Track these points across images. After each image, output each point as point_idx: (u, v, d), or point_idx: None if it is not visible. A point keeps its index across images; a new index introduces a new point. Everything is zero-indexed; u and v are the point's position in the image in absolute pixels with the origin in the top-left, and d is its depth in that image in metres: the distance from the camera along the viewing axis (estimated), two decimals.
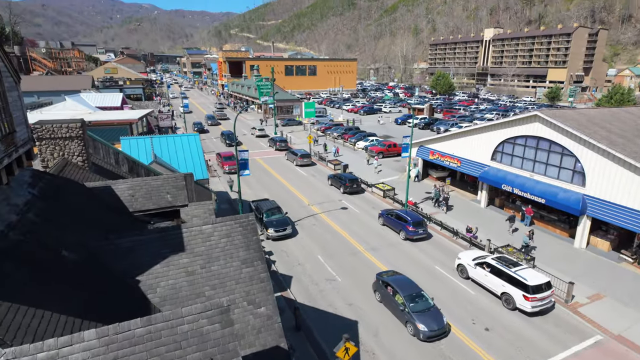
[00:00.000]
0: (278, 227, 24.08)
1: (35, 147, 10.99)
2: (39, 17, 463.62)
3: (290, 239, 24.43)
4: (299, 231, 25.41)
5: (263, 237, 24.26)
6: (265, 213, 25.23)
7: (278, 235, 23.99)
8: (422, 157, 35.09)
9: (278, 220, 24.71)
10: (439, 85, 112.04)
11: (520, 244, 22.93)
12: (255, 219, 24.62)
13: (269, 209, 25.56)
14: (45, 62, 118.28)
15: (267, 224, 24.36)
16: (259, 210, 25.81)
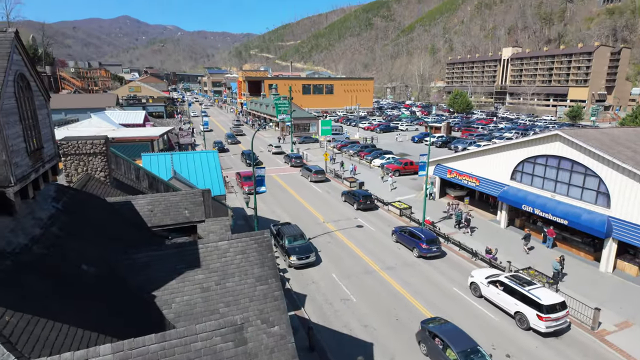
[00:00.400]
0: (301, 255, 22.61)
1: (60, 162, 11.38)
2: (69, 39, 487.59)
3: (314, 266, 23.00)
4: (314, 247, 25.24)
5: (285, 265, 23.06)
6: (287, 239, 23.63)
7: (301, 263, 22.52)
8: (440, 175, 34.70)
9: (301, 247, 23.21)
10: (456, 104, 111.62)
11: (541, 265, 22.17)
12: (276, 244, 24.53)
13: (291, 235, 23.94)
14: (73, 81, 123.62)
15: (290, 250, 22.86)
16: (281, 235, 24.23)
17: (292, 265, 22.74)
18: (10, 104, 6.97)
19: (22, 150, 7.35)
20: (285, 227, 25.26)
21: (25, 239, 7.21)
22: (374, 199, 33.38)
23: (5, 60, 6.82)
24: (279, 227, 25.50)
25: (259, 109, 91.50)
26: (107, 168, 13.89)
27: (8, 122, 6.81)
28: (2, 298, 5.72)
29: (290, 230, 24.64)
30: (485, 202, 33.44)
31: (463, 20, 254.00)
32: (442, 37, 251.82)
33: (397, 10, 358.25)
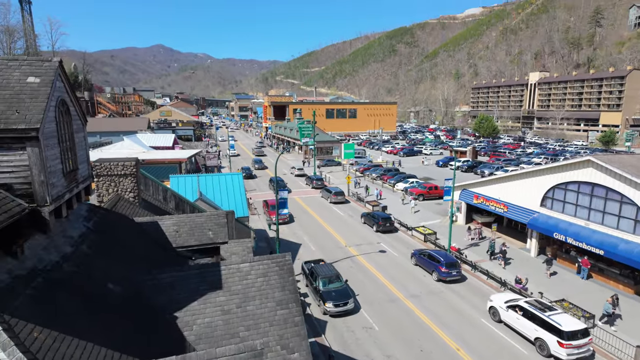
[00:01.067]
0: (338, 301, 19.68)
1: (93, 182, 11.87)
2: (107, 66, 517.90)
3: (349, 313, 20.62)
4: None
5: (319, 311, 20.27)
6: (321, 281, 20.75)
7: (338, 311, 19.64)
8: (466, 200, 33.91)
9: (338, 291, 20.29)
10: (482, 128, 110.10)
11: (576, 297, 20.91)
12: (309, 284, 22.03)
13: (326, 276, 21.03)
14: (109, 105, 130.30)
15: (325, 295, 20.01)
16: (314, 276, 21.45)
17: (327, 313, 19.79)
18: (50, 127, 7.40)
19: (59, 171, 7.72)
20: (319, 267, 22.22)
21: (56, 257, 7.47)
22: (393, 221, 33.28)
23: (49, 87, 7.29)
24: (311, 266, 22.62)
25: (283, 132, 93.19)
26: (136, 189, 14.35)
27: (48, 144, 7.20)
28: (33, 314, 5.89)
29: (324, 270, 21.70)
30: (514, 229, 32.27)
31: (488, 45, 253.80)
32: (467, 62, 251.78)
33: (421, 37, 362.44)
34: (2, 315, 5.46)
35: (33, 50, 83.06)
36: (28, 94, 7.02)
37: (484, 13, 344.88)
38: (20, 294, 6.07)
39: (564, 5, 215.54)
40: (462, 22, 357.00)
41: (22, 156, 6.70)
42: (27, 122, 6.62)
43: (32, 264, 6.84)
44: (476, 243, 30.19)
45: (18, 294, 6.05)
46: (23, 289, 6.20)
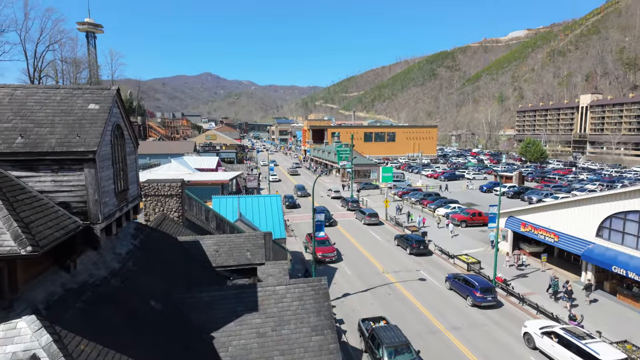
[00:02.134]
0: None
1: (141, 202, 12.50)
2: (159, 93, 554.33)
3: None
4: (372, 299, 24.16)
5: None
6: (387, 351, 16.17)
7: None
8: (512, 228, 32.17)
9: None
10: (529, 153, 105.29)
11: (636, 335, 18.85)
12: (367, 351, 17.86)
13: (392, 345, 16.38)
14: (159, 129, 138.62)
15: None
16: (376, 341, 16.96)
17: None
18: (106, 150, 7.95)
19: (111, 191, 8.23)
20: (382, 330, 17.56)
21: (105, 272, 7.86)
22: (427, 244, 33.18)
23: (107, 113, 7.89)
24: (372, 327, 18.29)
25: (321, 155, 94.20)
26: (181, 209, 14.95)
27: (103, 166, 7.73)
28: (81, 327, 6.18)
29: (390, 336, 16.97)
30: (566, 261, 30.03)
31: (534, 68, 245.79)
32: (511, 85, 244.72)
33: (462, 60, 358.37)
34: (54, 326, 5.78)
35: (95, 79, 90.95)
36: (88, 120, 7.63)
37: (529, 35, 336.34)
38: (71, 307, 6.41)
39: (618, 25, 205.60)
40: (506, 45, 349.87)
41: (80, 176, 7.22)
42: (85, 145, 7.16)
43: (83, 278, 7.23)
44: (524, 274, 28.32)
45: (69, 306, 6.39)
46: (74, 302, 6.55)
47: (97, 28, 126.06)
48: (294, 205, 51.81)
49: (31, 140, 7.04)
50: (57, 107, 7.72)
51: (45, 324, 5.63)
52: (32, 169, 7.00)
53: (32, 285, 6.16)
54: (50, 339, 5.45)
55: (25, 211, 6.11)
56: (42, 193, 7.02)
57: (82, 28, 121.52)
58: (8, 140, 6.94)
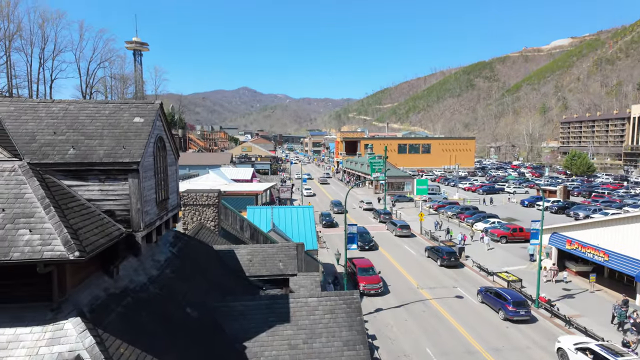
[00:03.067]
0: None
1: (180, 211, 12.94)
2: (199, 107, 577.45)
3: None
4: (406, 315, 23.48)
5: None
6: None
7: None
8: (557, 245, 30.39)
9: None
10: (574, 166, 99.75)
11: None
12: None
13: None
14: (198, 141, 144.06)
15: None
16: None
17: None
18: (149, 161, 8.34)
19: (153, 200, 8.59)
20: None
21: (144, 279, 8.16)
22: (458, 256, 32.90)
23: (150, 125, 8.29)
24: None
25: (353, 167, 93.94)
26: (217, 218, 15.35)
27: (145, 176, 8.11)
28: (121, 331, 6.43)
29: None
30: (617, 282, 27.89)
31: (579, 77, 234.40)
32: (554, 95, 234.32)
33: (501, 70, 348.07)
34: (96, 329, 6.05)
35: (140, 94, 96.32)
36: (133, 132, 8.05)
37: (574, 44, 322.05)
38: (113, 311, 6.69)
39: None
40: (548, 54, 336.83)
41: (124, 186, 7.60)
42: (130, 156, 7.55)
43: (125, 283, 7.55)
44: (570, 294, 26.55)
45: (111, 310, 6.67)
46: (115, 306, 6.84)
47: (143, 46, 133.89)
48: (332, 224, 46.63)
49: (82, 151, 7.52)
50: (106, 120, 8.22)
51: (89, 326, 5.90)
52: (82, 178, 7.45)
53: (78, 288, 6.50)
54: (93, 341, 5.70)
55: (74, 218, 6.50)
56: (90, 201, 7.44)
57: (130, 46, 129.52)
58: (62, 152, 7.44)
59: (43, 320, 5.85)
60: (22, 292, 6.04)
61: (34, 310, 5.92)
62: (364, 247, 35.93)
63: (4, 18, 57.23)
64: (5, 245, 5.68)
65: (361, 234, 36.21)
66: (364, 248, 35.92)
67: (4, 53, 58.74)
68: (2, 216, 6.02)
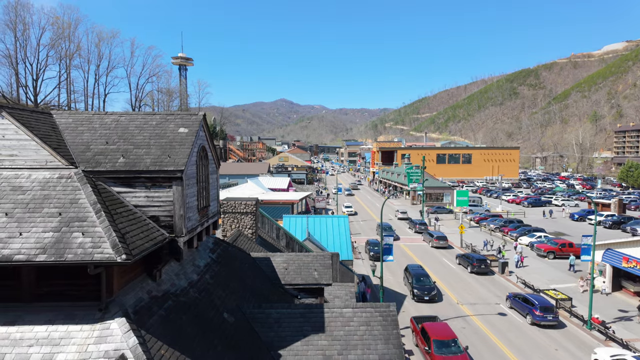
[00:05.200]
0: None
1: (220, 218, 13.32)
2: (239, 119, 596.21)
3: None
4: None
5: None
6: None
7: None
8: (612, 263, 28.21)
9: None
10: (631, 178, 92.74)
11: None
12: None
13: None
14: (238, 152, 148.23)
15: None
16: None
17: None
18: (192, 169, 8.68)
19: (194, 207, 8.91)
20: None
21: (185, 283, 8.44)
22: (489, 263, 33.26)
23: (194, 136, 8.65)
24: None
25: (390, 177, 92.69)
26: (254, 226, 15.64)
27: (188, 183, 8.43)
28: (162, 333, 6.67)
29: None
30: None
31: (635, 83, 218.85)
32: (607, 102, 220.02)
33: (548, 78, 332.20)
34: (140, 330, 6.31)
35: (185, 107, 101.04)
36: (178, 142, 8.43)
37: (629, 47, 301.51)
38: (155, 313, 6.96)
39: None
40: (600, 59, 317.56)
41: (168, 193, 7.95)
42: (175, 165, 7.90)
43: (167, 287, 7.84)
44: (628, 317, 24.44)
45: (153, 313, 6.94)
46: (157, 309, 7.11)
47: (187, 61, 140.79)
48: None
49: (130, 160, 7.96)
50: (153, 130, 8.67)
51: (133, 327, 6.17)
52: (130, 185, 7.87)
53: (124, 290, 6.83)
54: (136, 342, 5.95)
55: (122, 223, 6.86)
56: (137, 207, 7.84)
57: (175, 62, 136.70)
58: (113, 160, 7.92)
59: (92, 319, 6.19)
60: (73, 291, 6.44)
61: (84, 309, 6.28)
62: (422, 298, 25.96)
63: (65, 38, 62.32)
64: (60, 247, 6.09)
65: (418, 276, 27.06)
66: (422, 299, 25.97)
67: (65, 70, 63.83)
68: (59, 220, 6.48)
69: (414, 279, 27.40)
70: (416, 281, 27.21)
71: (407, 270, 29.53)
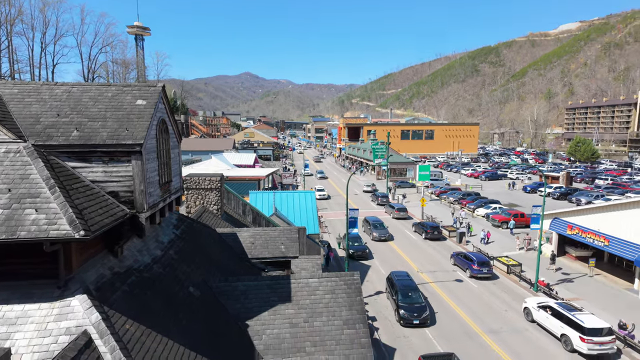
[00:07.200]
0: None
1: (183, 195, 13.06)
2: (201, 92, 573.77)
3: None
4: None
5: None
6: None
7: None
8: (558, 231, 30.51)
9: None
10: (578, 152, 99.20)
11: None
12: None
13: None
14: (200, 127, 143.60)
15: None
16: None
17: None
18: (151, 143, 8.41)
19: (156, 182, 8.69)
20: None
21: (148, 259, 8.33)
22: (441, 230, 36.31)
23: (153, 108, 8.34)
24: None
25: (356, 153, 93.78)
26: (220, 202, 15.49)
27: (148, 158, 8.19)
28: (126, 308, 6.62)
29: None
30: (617, 266, 28.09)
31: (586, 62, 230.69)
32: (560, 80, 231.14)
33: (507, 56, 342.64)
34: (103, 306, 6.23)
35: (142, 79, 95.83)
36: (136, 114, 8.11)
37: (582, 28, 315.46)
38: (118, 289, 6.87)
39: None
40: (555, 38, 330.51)
41: (127, 168, 7.69)
42: (133, 138, 7.62)
43: (129, 263, 7.72)
44: (569, 279, 26.80)
45: (116, 289, 6.85)
46: (120, 284, 7.02)
47: (144, 31, 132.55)
48: (362, 256, 30.51)
49: (85, 133, 7.59)
50: (109, 102, 8.26)
51: (95, 303, 6.08)
52: (86, 160, 7.54)
53: (84, 267, 6.67)
54: (99, 317, 5.89)
55: (79, 199, 6.61)
56: (94, 183, 7.55)
57: (131, 31, 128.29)
58: (66, 134, 7.52)
59: (50, 297, 6.03)
60: (29, 270, 6.21)
61: (42, 288, 6.09)
62: (410, 322, 20.28)
63: (5, 2, 56.65)
64: (12, 224, 5.81)
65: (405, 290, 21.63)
66: (410, 322, 20.30)
67: (6, 37, 58.39)
68: (9, 196, 6.14)
69: (400, 295, 21.09)
70: (403, 297, 20.98)
71: (390, 280, 23.42)
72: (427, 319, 20.26)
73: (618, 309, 22.41)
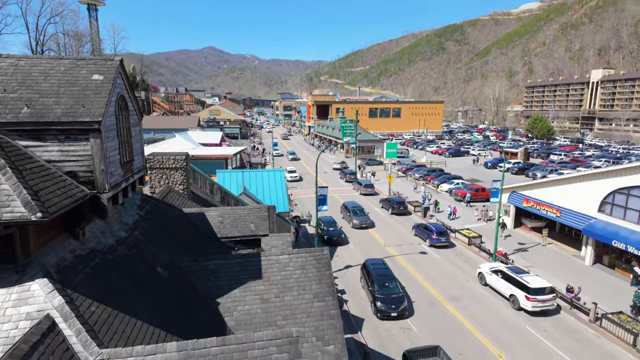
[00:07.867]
0: None
1: (146, 174, 12.65)
2: (163, 68, 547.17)
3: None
4: None
5: None
6: None
7: None
8: (515, 204, 32.29)
9: None
10: (535, 129, 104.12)
11: None
12: None
13: None
14: (163, 104, 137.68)
15: None
16: None
17: None
18: (111, 120, 8.03)
19: (117, 161, 8.36)
20: None
21: (112, 240, 8.10)
22: (407, 205, 37.83)
23: (111, 83, 7.91)
24: None
25: (325, 131, 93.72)
26: (185, 182, 15.14)
27: (108, 136, 7.83)
28: (91, 291, 6.46)
29: None
30: (567, 236, 30.28)
31: (545, 42, 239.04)
32: (521, 59, 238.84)
33: (472, 34, 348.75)
34: (65, 289, 6.04)
35: (98, 52, 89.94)
36: (92, 90, 7.67)
37: (542, 8, 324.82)
38: (81, 272, 6.67)
39: None
40: (517, 17, 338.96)
41: (86, 146, 7.33)
42: (91, 115, 7.24)
43: (92, 245, 7.47)
44: (524, 248, 28.66)
45: (79, 271, 6.65)
46: (83, 267, 6.81)
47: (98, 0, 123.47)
48: (337, 241, 29.08)
49: (37, 110, 7.12)
50: (62, 77, 7.75)
51: (57, 286, 5.88)
52: (39, 138, 7.11)
53: (43, 250, 6.39)
54: (62, 301, 5.72)
55: (34, 179, 6.27)
56: (50, 162, 7.16)
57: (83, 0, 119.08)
58: (15, 110, 7.02)
59: (8, 282, 5.77)
60: None
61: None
62: (387, 314, 19.13)
63: None
64: None
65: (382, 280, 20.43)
66: (387, 315, 19.15)
67: None
68: None
69: (376, 285, 20.00)
70: (379, 287, 19.89)
71: (365, 267, 22.34)
72: (405, 311, 19.18)
73: (567, 274, 24.31)
